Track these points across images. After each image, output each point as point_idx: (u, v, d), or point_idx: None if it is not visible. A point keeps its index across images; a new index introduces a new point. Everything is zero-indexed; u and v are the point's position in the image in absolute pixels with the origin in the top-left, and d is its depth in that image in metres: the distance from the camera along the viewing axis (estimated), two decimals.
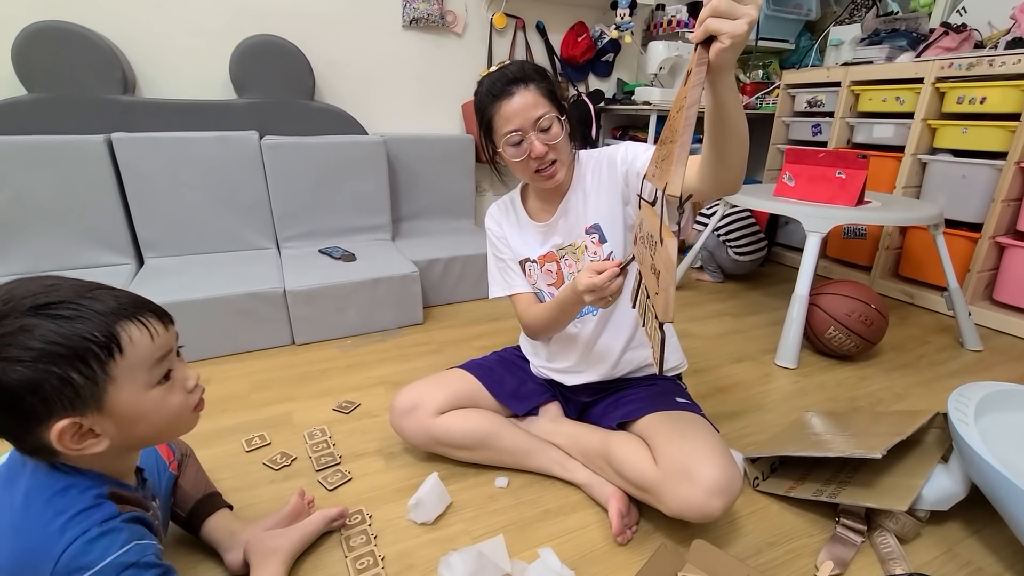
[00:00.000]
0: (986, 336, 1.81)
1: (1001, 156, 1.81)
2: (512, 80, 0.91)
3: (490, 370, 1.16)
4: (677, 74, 2.55)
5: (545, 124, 0.92)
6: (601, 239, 1.01)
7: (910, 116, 2.03)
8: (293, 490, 0.95)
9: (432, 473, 1.01)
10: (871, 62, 2.19)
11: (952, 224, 1.93)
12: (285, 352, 1.65)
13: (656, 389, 1.06)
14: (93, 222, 1.73)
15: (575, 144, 1.01)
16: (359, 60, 2.21)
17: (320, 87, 2.14)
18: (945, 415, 0.99)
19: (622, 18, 2.48)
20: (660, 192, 0.61)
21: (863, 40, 2.29)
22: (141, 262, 1.84)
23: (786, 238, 2.72)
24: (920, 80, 1.98)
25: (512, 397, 1.13)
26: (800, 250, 1.59)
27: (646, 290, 0.76)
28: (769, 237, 2.76)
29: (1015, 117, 1.76)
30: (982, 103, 1.82)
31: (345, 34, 2.16)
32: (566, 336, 1.09)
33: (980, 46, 1.98)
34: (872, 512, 0.95)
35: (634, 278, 0.84)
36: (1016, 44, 1.78)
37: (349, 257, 1.89)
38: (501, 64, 0.95)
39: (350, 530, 0.93)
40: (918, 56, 2.05)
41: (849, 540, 0.92)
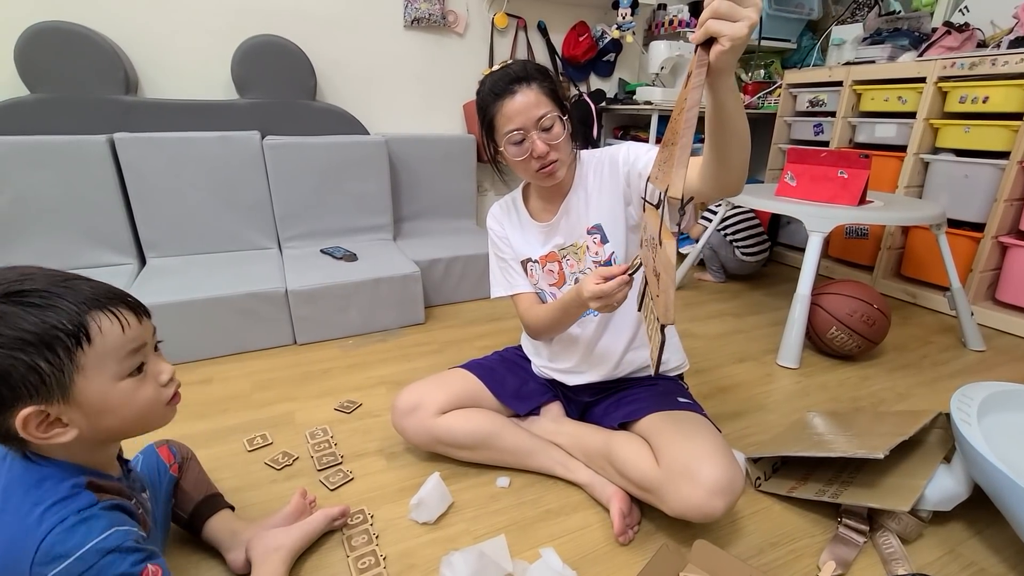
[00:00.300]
0: (988, 336, 1.81)
1: (1004, 156, 1.81)
2: (514, 79, 0.91)
3: (491, 370, 1.16)
4: (678, 74, 2.55)
5: (547, 123, 0.91)
6: (603, 239, 1.00)
7: (912, 116, 2.03)
8: (295, 490, 0.95)
9: (434, 473, 1.01)
10: (873, 61, 2.19)
11: (954, 224, 1.92)
12: (287, 352, 1.65)
13: (658, 389, 1.06)
14: (95, 222, 1.74)
15: (577, 144, 1.01)
16: (361, 60, 2.22)
17: (322, 87, 2.15)
18: (948, 415, 0.99)
19: (623, 18, 2.47)
20: (662, 194, 0.61)
21: (865, 39, 2.28)
22: (143, 262, 1.84)
23: (788, 238, 2.72)
24: (922, 80, 1.97)
25: (514, 397, 1.13)
26: (802, 250, 1.59)
27: (649, 293, 0.76)
28: (771, 237, 2.76)
29: (1018, 116, 1.76)
30: (984, 103, 1.82)
31: (347, 34, 2.16)
32: (567, 337, 1.09)
33: (983, 45, 1.98)
34: (874, 512, 0.94)
35: (640, 282, 0.84)
36: (1019, 43, 1.78)
37: (351, 257, 1.89)
38: (503, 63, 0.95)
39: (352, 530, 0.93)
40: (920, 55, 2.05)
41: (851, 540, 0.91)
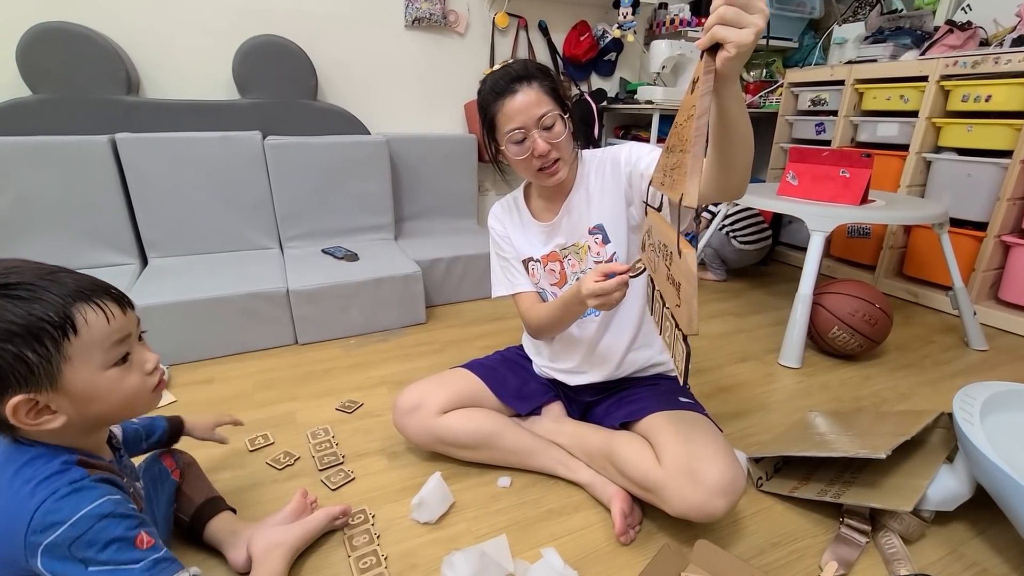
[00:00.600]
0: (991, 335, 1.80)
1: (1006, 154, 1.80)
2: (515, 78, 0.91)
3: (493, 370, 1.16)
4: (680, 73, 2.54)
5: (548, 122, 0.91)
6: (604, 239, 1.00)
7: (914, 114, 2.03)
8: (296, 489, 0.95)
9: (435, 473, 1.01)
10: (875, 60, 2.18)
11: (957, 223, 1.92)
12: (288, 352, 1.65)
13: (659, 389, 1.06)
14: (97, 222, 1.74)
15: (578, 144, 1.01)
16: (362, 60, 2.22)
17: (323, 87, 2.15)
18: (950, 415, 0.99)
19: (624, 17, 2.47)
20: (677, 204, 0.61)
21: (867, 38, 2.28)
22: (145, 262, 1.84)
23: (790, 237, 2.72)
24: (924, 78, 1.97)
25: (515, 397, 1.13)
26: (804, 249, 1.59)
27: (663, 299, 0.75)
28: (773, 236, 2.75)
29: (1020, 115, 1.75)
30: (987, 101, 1.81)
31: (348, 34, 2.16)
32: (569, 337, 1.09)
33: (985, 44, 1.97)
34: (876, 512, 0.94)
35: (646, 283, 0.83)
36: (1021, 42, 1.77)
37: (352, 257, 1.89)
38: (504, 63, 0.95)
39: (353, 529, 0.94)
40: (922, 54, 2.04)
41: (853, 540, 0.91)
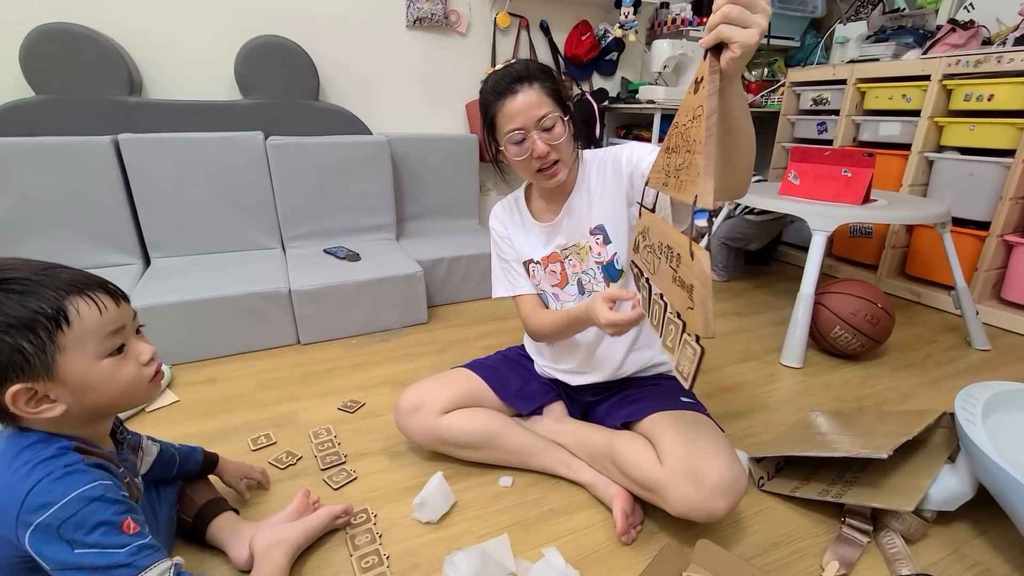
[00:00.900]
0: (993, 335, 1.80)
1: (1009, 153, 1.80)
2: (516, 78, 0.91)
3: (494, 370, 1.16)
4: (681, 73, 2.54)
5: (548, 123, 0.91)
6: (605, 240, 1.00)
7: (917, 114, 2.02)
8: (298, 489, 0.96)
9: (436, 472, 1.01)
10: (877, 59, 2.18)
11: (959, 222, 1.91)
12: (290, 351, 1.66)
13: (661, 389, 1.06)
14: (100, 223, 1.74)
15: (579, 144, 1.01)
16: (363, 60, 2.22)
17: (324, 87, 2.15)
18: (952, 415, 0.98)
19: (626, 16, 2.47)
20: (691, 204, 0.60)
21: (869, 37, 2.27)
22: (148, 262, 1.85)
23: (791, 237, 2.71)
24: (927, 77, 1.96)
25: (516, 397, 1.13)
26: (805, 249, 1.59)
27: (663, 302, 0.73)
28: (774, 235, 2.74)
29: (1023, 114, 1.74)
30: (990, 100, 1.81)
31: (349, 34, 2.16)
32: (571, 338, 1.09)
33: (988, 43, 1.96)
34: (878, 512, 0.94)
35: (643, 289, 0.83)
36: None
37: (354, 257, 1.89)
38: (506, 63, 0.95)
39: (355, 529, 0.94)
40: (925, 53, 2.04)
41: (855, 540, 0.91)
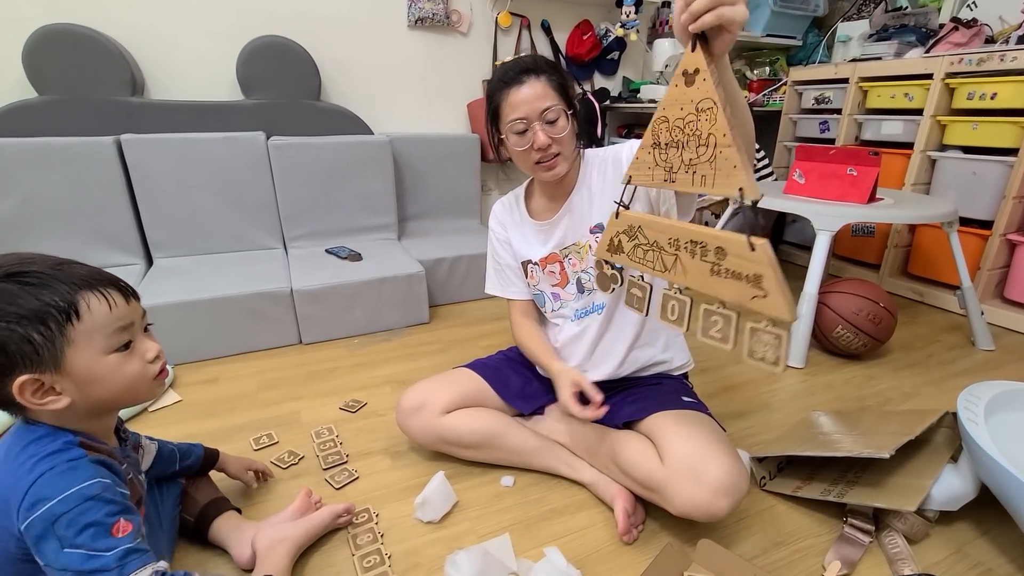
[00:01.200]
0: (996, 335, 1.79)
1: (1012, 152, 1.79)
2: (524, 69, 0.92)
3: (496, 369, 1.16)
4: None
5: (551, 116, 0.92)
6: None
7: (919, 112, 2.01)
8: (300, 488, 0.96)
9: (438, 472, 1.01)
10: (879, 58, 2.17)
11: (962, 221, 1.90)
12: (292, 351, 1.66)
13: (662, 388, 1.05)
14: (103, 223, 1.75)
15: (581, 142, 1.01)
16: (365, 60, 2.22)
17: (326, 87, 2.15)
18: (954, 414, 0.98)
19: (627, 16, 2.47)
20: (737, 199, 0.62)
21: (871, 36, 2.27)
22: (150, 262, 1.85)
23: (794, 236, 2.70)
24: (929, 76, 1.96)
25: (518, 396, 1.13)
26: (808, 248, 1.58)
27: (689, 298, 0.77)
28: (777, 235, 2.74)
29: None
30: (992, 99, 1.80)
31: (351, 34, 2.16)
32: (571, 336, 1.09)
33: (990, 41, 1.96)
34: (880, 512, 0.94)
35: (653, 289, 0.83)
36: None
37: (355, 257, 1.89)
38: (517, 57, 0.96)
39: (357, 528, 0.94)
40: (927, 52, 2.03)
41: (857, 540, 0.91)
